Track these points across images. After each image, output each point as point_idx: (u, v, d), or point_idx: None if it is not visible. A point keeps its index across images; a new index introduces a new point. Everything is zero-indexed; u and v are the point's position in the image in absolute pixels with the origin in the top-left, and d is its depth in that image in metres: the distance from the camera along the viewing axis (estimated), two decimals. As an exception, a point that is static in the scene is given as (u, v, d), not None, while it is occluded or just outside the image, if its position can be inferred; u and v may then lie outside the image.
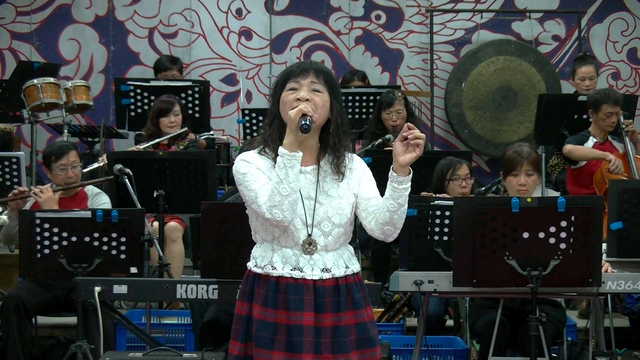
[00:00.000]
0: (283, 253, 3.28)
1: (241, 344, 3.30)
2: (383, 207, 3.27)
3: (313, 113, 3.21)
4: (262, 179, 3.25)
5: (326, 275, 3.28)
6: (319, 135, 3.32)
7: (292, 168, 3.16)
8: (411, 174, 3.27)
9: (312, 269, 3.27)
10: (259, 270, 3.29)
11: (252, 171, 3.27)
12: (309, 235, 3.26)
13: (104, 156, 6.52)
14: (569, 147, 6.77)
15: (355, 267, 3.36)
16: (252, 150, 3.36)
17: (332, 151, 3.32)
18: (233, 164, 3.39)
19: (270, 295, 3.26)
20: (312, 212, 3.26)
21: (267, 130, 3.34)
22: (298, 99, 3.23)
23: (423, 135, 3.23)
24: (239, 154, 3.46)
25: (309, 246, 3.26)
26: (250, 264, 3.35)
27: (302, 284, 3.25)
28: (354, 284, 3.33)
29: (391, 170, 3.25)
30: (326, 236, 3.28)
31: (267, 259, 3.29)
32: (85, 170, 6.11)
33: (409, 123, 3.27)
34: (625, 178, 6.49)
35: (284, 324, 3.23)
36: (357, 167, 3.39)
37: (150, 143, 6.78)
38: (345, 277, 3.31)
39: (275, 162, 3.25)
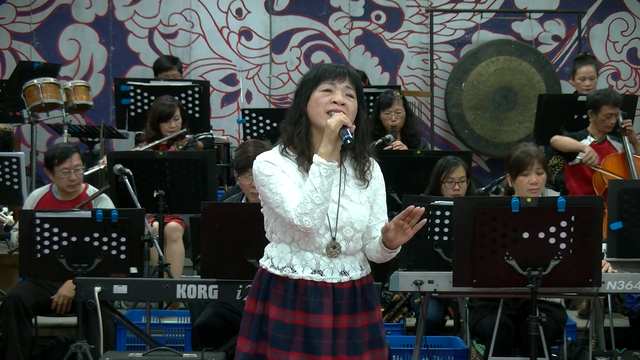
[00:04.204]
0: (302, 256, 3.27)
1: (253, 343, 3.29)
2: (374, 251, 3.34)
3: (352, 125, 3.21)
4: (288, 182, 3.24)
5: (344, 278, 3.29)
6: None
7: (328, 177, 3.16)
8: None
9: (332, 272, 3.27)
10: (276, 272, 3.28)
11: (278, 174, 3.25)
12: (333, 238, 3.26)
13: (104, 158, 6.51)
14: (554, 137, 6.80)
15: (368, 268, 3.38)
16: (272, 151, 3.34)
17: (357, 158, 3.32)
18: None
19: (288, 296, 3.25)
20: (335, 217, 3.25)
21: (291, 127, 3.31)
22: (334, 102, 3.24)
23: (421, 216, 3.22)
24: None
25: (334, 249, 3.26)
26: (265, 264, 3.32)
27: (322, 287, 3.26)
28: (367, 285, 3.36)
29: (381, 240, 3.29)
30: (347, 241, 3.28)
31: (285, 261, 3.28)
32: (86, 174, 6.11)
33: (412, 207, 3.21)
34: (618, 177, 6.48)
35: (302, 326, 3.23)
36: (376, 177, 3.39)
37: (150, 145, 6.77)
38: (360, 280, 3.34)
39: (299, 164, 3.25)
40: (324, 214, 3.19)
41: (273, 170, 3.25)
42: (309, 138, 3.27)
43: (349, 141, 3.16)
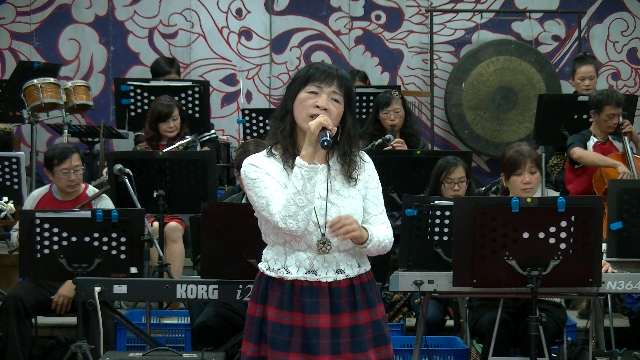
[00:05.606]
0: (296, 256, 3.27)
1: (254, 346, 3.30)
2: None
3: (332, 127, 3.20)
4: (272, 185, 3.24)
5: (340, 277, 3.29)
6: None
7: (310, 180, 3.16)
8: (368, 240, 3.28)
9: (327, 271, 3.27)
10: (272, 274, 3.29)
11: (262, 177, 3.25)
12: (323, 235, 3.26)
13: (105, 170, 6.45)
14: (578, 153, 6.71)
15: (367, 265, 3.38)
16: (259, 153, 3.34)
17: (343, 158, 3.31)
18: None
19: (285, 297, 3.26)
20: (324, 213, 3.25)
21: (278, 124, 3.31)
22: (317, 106, 3.22)
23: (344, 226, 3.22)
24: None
25: (323, 246, 3.26)
26: (262, 267, 3.34)
27: (317, 287, 3.26)
28: (367, 282, 3.35)
29: None
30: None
31: (280, 263, 3.29)
32: (90, 184, 6.11)
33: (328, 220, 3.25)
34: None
35: (300, 326, 3.24)
36: (365, 170, 3.37)
37: (165, 150, 6.66)
38: (359, 277, 3.33)
39: (284, 162, 3.26)
40: (308, 216, 3.18)
41: (257, 174, 3.26)
42: (293, 135, 3.27)
43: (325, 143, 3.15)
